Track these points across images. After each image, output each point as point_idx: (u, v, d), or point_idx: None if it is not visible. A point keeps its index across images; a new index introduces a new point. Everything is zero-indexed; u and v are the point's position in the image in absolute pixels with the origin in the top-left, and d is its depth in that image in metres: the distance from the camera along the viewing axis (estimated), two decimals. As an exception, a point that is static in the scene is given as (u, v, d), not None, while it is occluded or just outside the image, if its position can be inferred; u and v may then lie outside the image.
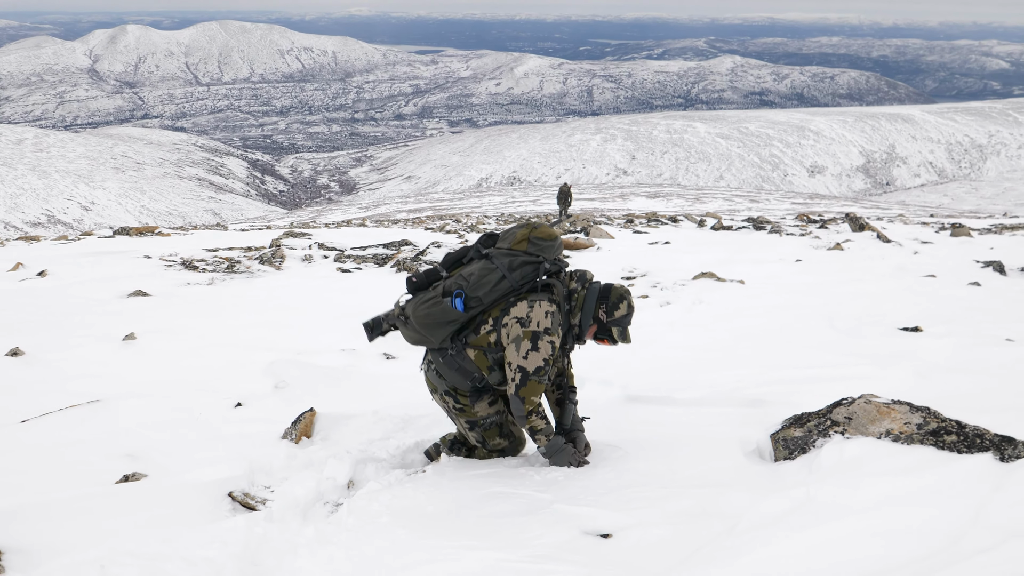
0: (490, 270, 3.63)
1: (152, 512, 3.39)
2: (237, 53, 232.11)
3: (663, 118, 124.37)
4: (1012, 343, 6.03)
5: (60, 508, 3.37)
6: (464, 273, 3.69)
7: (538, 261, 3.68)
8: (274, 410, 5.01)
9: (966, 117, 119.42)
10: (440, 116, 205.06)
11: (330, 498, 3.62)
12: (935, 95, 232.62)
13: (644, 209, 40.58)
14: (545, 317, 3.57)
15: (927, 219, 26.24)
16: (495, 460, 4.04)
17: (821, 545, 2.70)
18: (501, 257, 3.68)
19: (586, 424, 4.18)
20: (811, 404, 4.21)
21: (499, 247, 3.78)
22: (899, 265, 10.54)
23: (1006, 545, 2.53)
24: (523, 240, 3.72)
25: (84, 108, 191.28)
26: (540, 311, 3.58)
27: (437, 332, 3.64)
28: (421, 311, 3.64)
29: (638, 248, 12.93)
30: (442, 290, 3.67)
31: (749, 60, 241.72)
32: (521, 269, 3.64)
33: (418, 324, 3.66)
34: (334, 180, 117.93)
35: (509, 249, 3.73)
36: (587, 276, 3.79)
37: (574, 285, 3.74)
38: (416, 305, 3.67)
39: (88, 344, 6.69)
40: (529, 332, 3.55)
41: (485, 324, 3.66)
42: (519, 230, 3.77)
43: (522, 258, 3.67)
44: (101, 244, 13.45)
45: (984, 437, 3.32)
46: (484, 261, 3.69)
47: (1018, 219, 22.55)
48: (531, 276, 3.66)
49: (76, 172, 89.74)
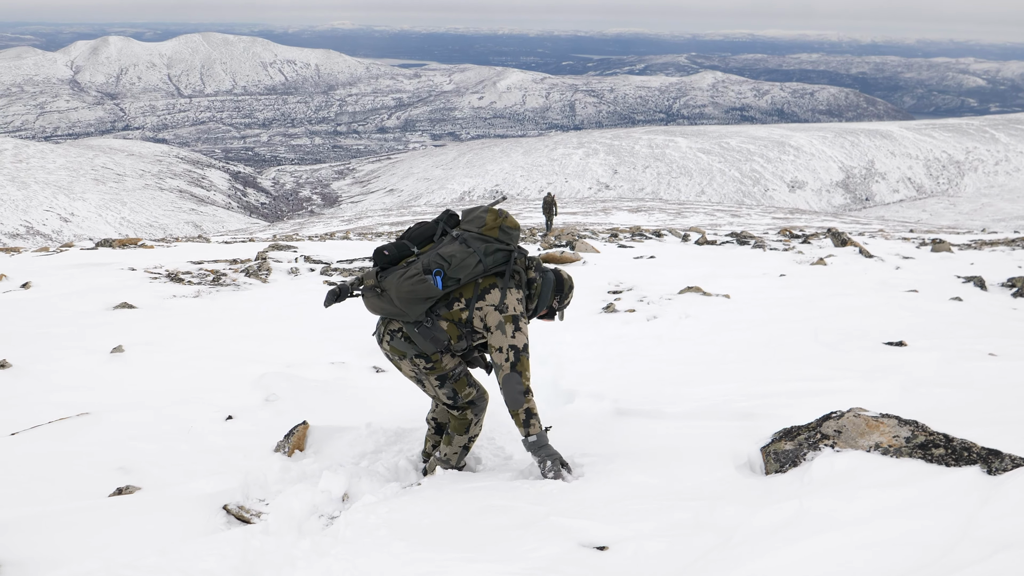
0: (468, 254, 3.82)
1: (147, 525, 3.39)
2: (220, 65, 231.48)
3: (645, 133, 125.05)
4: (995, 357, 6.13)
5: (55, 521, 3.36)
6: (443, 253, 3.83)
7: (509, 249, 3.95)
8: (266, 423, 5.01)
9: (944, 133, 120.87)
10: (423, 129, 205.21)
11: (326, 511, 3.62)
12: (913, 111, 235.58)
13: (627, 223, 40.76)
14: (518, 303, 3.90)
15: (907, 234, 26.54)
16: (489, 474, 4.07)
17: (815, 557, 2.74)
18: (476, 242, 3.87)
19: (579, 436, 4.23)
20: (800, 417, 4.27)
21: (467, 229, 3.95)
22: (882, 280, 10.67)
23: (995, 557, 2.58)
24: (494, 228, 3.92)
25: (65, 119, 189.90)
26: (513, 298, 3.89)
27: (417, 307, 3.82)
28: (406, 287, 3.78)
29: (624, 262, 13.01)
30: (423, 268, 3.80)
31: (730, 76, 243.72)
32: (494, 255, 3.89)
33: (399, 298, 3.81)
34: (316, 193, 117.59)
35: (480, 234, 3.90)
36: (541, 266, 4.12)
37: (533, 275, 4.05)
38: (400, 280, 3.79)
39: (76, 356, 6.65)
40: (509, 317, 3.85)
41: (458, 302, 3.89)
42: (486, 215, 3.96)
43: (496, 245, 3.90)
44: (84, 256, 13.37)
45: (971, 450, 3.38)
46: (461, 245, 3.85)
47: (997, 235, 22.86)
48: (501, 262, 3.92)
49: (56, 183, 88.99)
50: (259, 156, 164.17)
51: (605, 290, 10.25)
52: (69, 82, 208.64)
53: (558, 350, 6.74)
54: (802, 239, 16.57)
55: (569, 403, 5.35)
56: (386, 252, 3.91)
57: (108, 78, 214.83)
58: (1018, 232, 25.09)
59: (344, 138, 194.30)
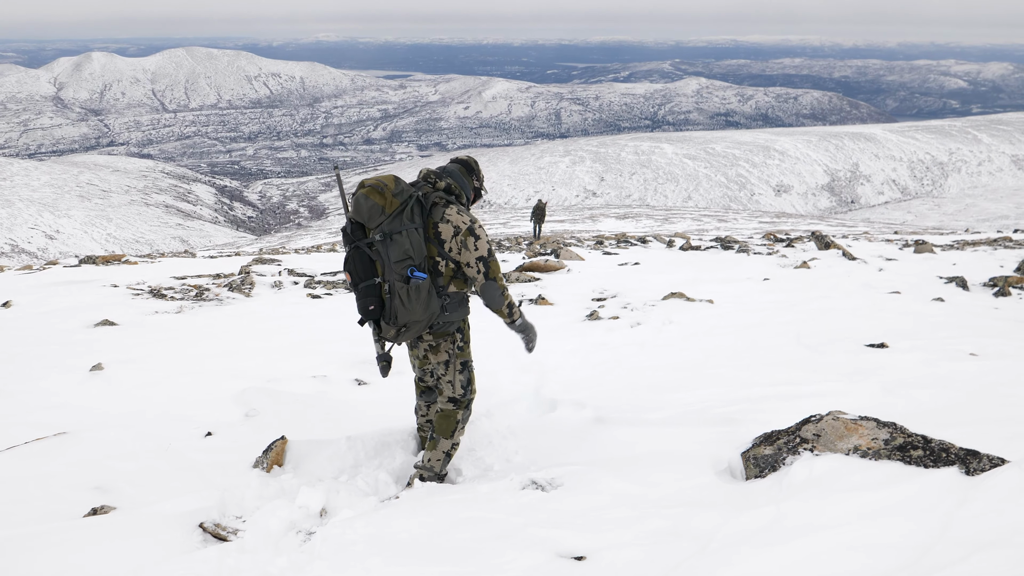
0: (407, 238, 3.90)
1: (122, 545, 3.34)
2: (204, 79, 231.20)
3: (631, 140, 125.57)
4: (976, 357, 6.15)
5: (28, 543, 3.31)
6: (394, 257, 3.89)
7: (413, 200, 3.96)
8: (245, 439, 4.96)
9: (927, 135, 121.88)
10: (409, 140, 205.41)
11: (303, 527, 3.58)
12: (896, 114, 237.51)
13: (614, 230, 40.82)
14: (459, 214, 4.03)
15: (891, 236, 26.67)
16: (468, 485, 4.04)
17: (791, 562, 2.73)
18: (396, 224, 3.90)
19: (559, 445, 4.25)
20: (781, 422, 4.27)
21: (385, 226, 3.92)
22: (865, 282, 10.70)
23: (972, 558, 2.57)
24: (392, 204, 3.91)
25: (49, 136, 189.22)
26: (455, 215, 4.02)
27: (432, 301, 3.96)
28: (418, 308, 3.91)
29: (608, 269, 13.01)
30: (400, 279, 3.90)
31: (714, 82, 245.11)
32: (414, 216, 3.95)
33: (421, 314, 3.94)
34: (303, 205, 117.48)
35: (392, 216, 3.91)
36: (441, 171, 4.20)
37: (442, 183, 4.12)
38: (409, 311, 3.91)
39: (54, 375, 6.58)
40: (464, 231, 3.99)
41: (439, 263, 4.03)
42: (376, 211, 3.92)
43: (406, 212, 3.92)
44: (67, 273, 13.27)
45: (950, 451, 3.38)
46: (396, 236, 3.88)
47: (979, 235, 23.00)
48: (421, 211, 4.00)
49: (41, 200, 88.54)
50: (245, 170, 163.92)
51: (589, 297, 10.24)
52: (52, 99, 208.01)
53: (541, 358, 6.71)
54: (786, 243, 16.62)
55: (551, 412, 5.32)
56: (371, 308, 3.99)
57: (92, 94, 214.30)
58: (1000, 232, 25.26)
59: (330, 150, 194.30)
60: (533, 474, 3.95)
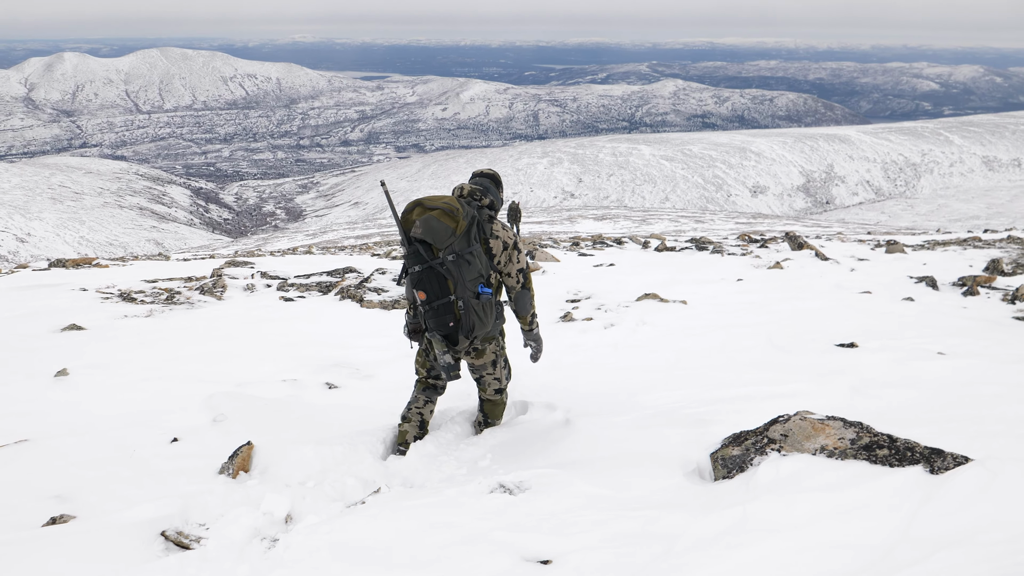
0: (477, 258, 4.28)
1: (80, 555, 3.27)
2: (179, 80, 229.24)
3: (609, 141, 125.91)
4: (943, 356, 6.20)
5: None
6: (467, 278, 4.24)
7: (475, 221, 4.37)
8: (212, 444, 4.88)
9: (900, 137, 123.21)
10: (387, 142, 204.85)
11: (267, 534, 3.53)
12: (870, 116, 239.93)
13: (592, 231, 40.90)
14: (504, 230, 4.50)
15: (864, 236, 26.91)
16: (435, 489, 4.00)
17: (755, 563, 2.72)
18: (464, 243, 4.26)
19: (528, 448, 4.29)
20: (750, 422, 4.27)
21: (456, 246, 4.22)
22: (836, 282, 10.78)
23: (934, 557, 2.58)
24: (461, 226, 4.22)
25: (19, 137, 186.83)
26: (502, 231, 4.47)
27: (497, 312, 4.54)
28: (489, 320, 4.40)
29: (583, 271, 13.01)
30: (473, 295, 4.28)
31: (691, 84, 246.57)
32: (478, 235, 4.37)
33: (492, 325, 4.45)
34: (280, 207, 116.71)
35: (460, 236, 4.24)
36: (483, 188, 4.58)
37: (487, 200, 4.54)
38: (483, 324, 4.36)
39: (17, 381, 6.46)
40: (511, 246, 4.49)
41: (490, 276, 4.47)
42: (447, 232, 4.20)
43: (472, 232, 4.31)
44: (35, 277, 13.07)
45: (915, 450, 3.39)
46: (468, 256, 4.24)
47: (950, 235, 23.25)
48: (479, 230, 4.40)
49: (11, 203, 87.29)
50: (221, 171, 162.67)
51: (563, 299, 10.23)
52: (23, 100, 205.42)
53: (513, 360, 6.68)
54: (760, 243, 16.70)
55: (522, 414, 5.30)
56: (451, 324, 4.31)
57: (64, 95, 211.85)
58: (971, 232, 25.56)
59: (307, 152, 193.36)
60: (501, 477, 3.92)
